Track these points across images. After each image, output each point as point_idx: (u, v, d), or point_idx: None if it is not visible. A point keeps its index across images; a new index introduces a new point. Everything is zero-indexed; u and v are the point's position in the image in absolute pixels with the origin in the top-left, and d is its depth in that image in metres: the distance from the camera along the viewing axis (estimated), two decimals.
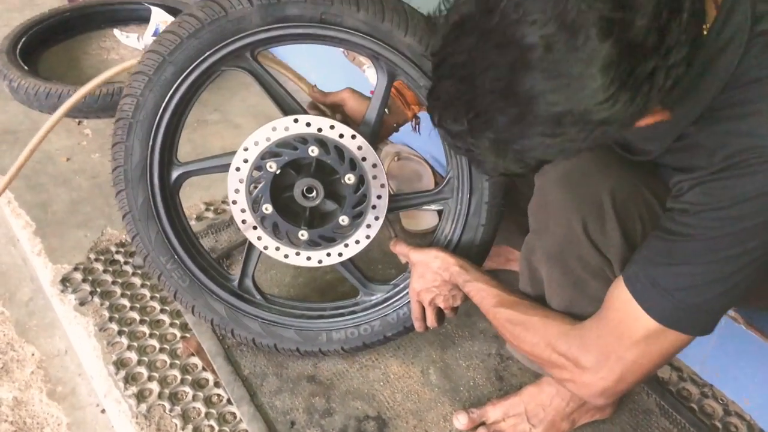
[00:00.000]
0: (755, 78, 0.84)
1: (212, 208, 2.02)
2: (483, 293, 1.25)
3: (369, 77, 2.21)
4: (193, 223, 1.77)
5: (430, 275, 1.35)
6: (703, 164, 0.89)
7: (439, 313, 1.42)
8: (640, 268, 0.97)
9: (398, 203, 1.44)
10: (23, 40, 2.57)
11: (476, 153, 0.84)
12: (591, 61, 0.70)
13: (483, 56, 0.75)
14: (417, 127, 1.60)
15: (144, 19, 2.84)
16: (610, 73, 0.71)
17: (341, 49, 2.23)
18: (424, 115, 1.58)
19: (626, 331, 0.99)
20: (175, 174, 1.38)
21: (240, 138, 2.30)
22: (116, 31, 2.85)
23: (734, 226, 0.87)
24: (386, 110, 1.39)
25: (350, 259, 1.45)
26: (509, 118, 0.76)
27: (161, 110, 1.27)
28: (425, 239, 1.92)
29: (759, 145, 0.84)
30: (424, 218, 1.97)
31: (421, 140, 1.56)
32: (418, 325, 1.45)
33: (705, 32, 0.82)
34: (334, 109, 1.45)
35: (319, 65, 2.49)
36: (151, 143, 1.30)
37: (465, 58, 0.77)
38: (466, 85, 0.78)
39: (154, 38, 2.71)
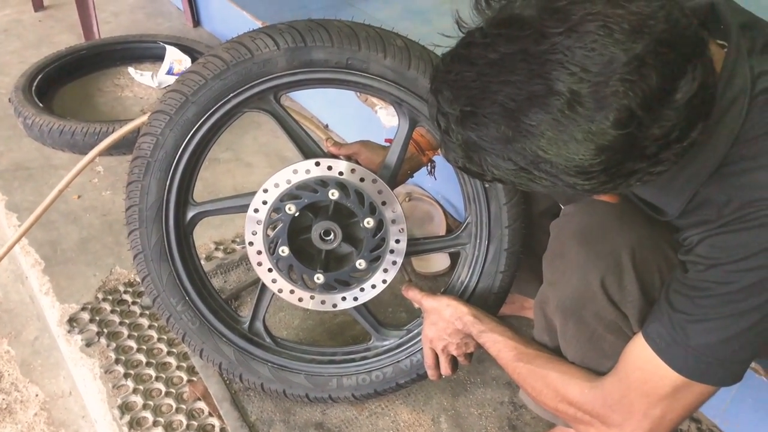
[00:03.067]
0: (759, 134, 0.86)
1: (222, 247, 2.01)
2: (499, 345, 1.23)
3: (381, 118, 2.23)
4: (202, 262, 1.76)
5: (443, 323, 1.33)
6: (711, 218, 0.90)
7: (453, 361, 1.39)
8: (660, 324, 0.96)
9: (415, 247, 1.43)
10: (39, 77, 2.59)
11: (450, 138, 0.83)
12: (595, 137, 0.73)
13: (512, 70, 0.75)
14: (432, 170, 1.60)
15: (158, 57, 2.88)
16: (602, 155, 0.74)
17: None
18: (438, 159, 1.58)
19: (651, 388, 0.98)
20: (190, 214, 1.37)
21: (252, 177, 2.34)
22: (131, 69, 2.88)
23: (748, 279, 0.87)
24: None
25: (364, 304, 1.42)
26: (498, 135, 0.77)
27: (181, 150, 1.27)
28: (437, 282, 1.90)
29: (766, 197, 0.84)
30: (436, 260, 1.95)
31: (433, 181, 1.56)
32: (431, 373, 1.42)
33: None
34: (348, 161, 1.45)
35: (332, 105, 2.51)
36: (168, 183, 1.30)
37: (496, 58, 0.76)
38: (482, 81, 0.77)
39: (169, 76, 2.78)
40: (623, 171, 0.76)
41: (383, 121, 2.17)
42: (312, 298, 1.38)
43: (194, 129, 1.25)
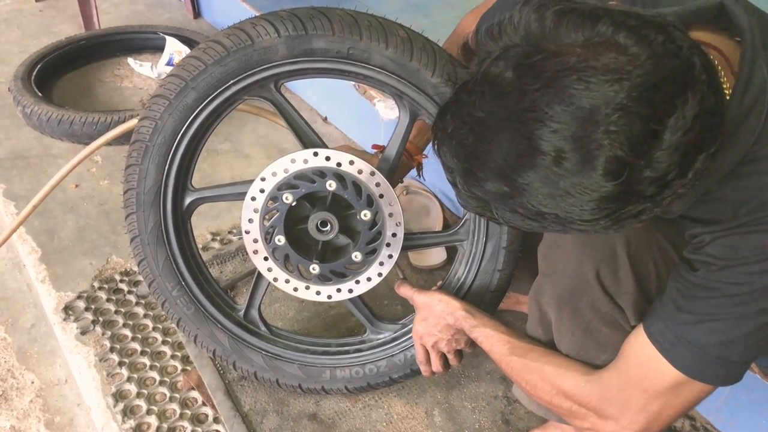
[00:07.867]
0: None
1: (218, 238, 2.01)
2: (492, 339, 1.23)
3: (379, 111, 2.22)
4: None
5: (434, 319, 1.33)
6: (724, 217, 0.89)
7: (445, 358, 1.39)
8: (664, 323, 0.96)
9: (412, 242, 1.42)
10: (38, 66, 2.59)
11: (459, 191, 0.85)
12: (588, 190, 0.72)
13: (498, 129, 0.75)
14: (420, 172, 1.59)
15: (158, 48, 2.88)
16: (600, 205, 0.74)
17: (352, 83, 2.25)
18: (428, 152, 1.57)
19: (651, 384, 0.98)
20: (188, 200, 1.36)
21: (250, 168, 2.34)
22: (130, 60, 2.88)
23: (760, 283, 0.86)
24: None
25: (359, 296, 1.42)
26: (499, 193, 0.78)
27: (180, 135, 1.26)
28: (433, 275, 1.90)
29: None
30: (432, 254, 1.95)
31: (430, 175, 1.56)
32: (423, 369, 1.42)
33: (727, 97, 0.83)
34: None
35: (330, 98, 2.51)
36: (167, 167, 1.29)
37: (483, 116, 0.76)
38: (474, 138, 0.78)
39: (169, 67, 2.77)
40: (627, 214, 0.76)
41: (381, 114, 2.17)
42: (307, 288, 1.38)
43: (194, 114, 1.24)
